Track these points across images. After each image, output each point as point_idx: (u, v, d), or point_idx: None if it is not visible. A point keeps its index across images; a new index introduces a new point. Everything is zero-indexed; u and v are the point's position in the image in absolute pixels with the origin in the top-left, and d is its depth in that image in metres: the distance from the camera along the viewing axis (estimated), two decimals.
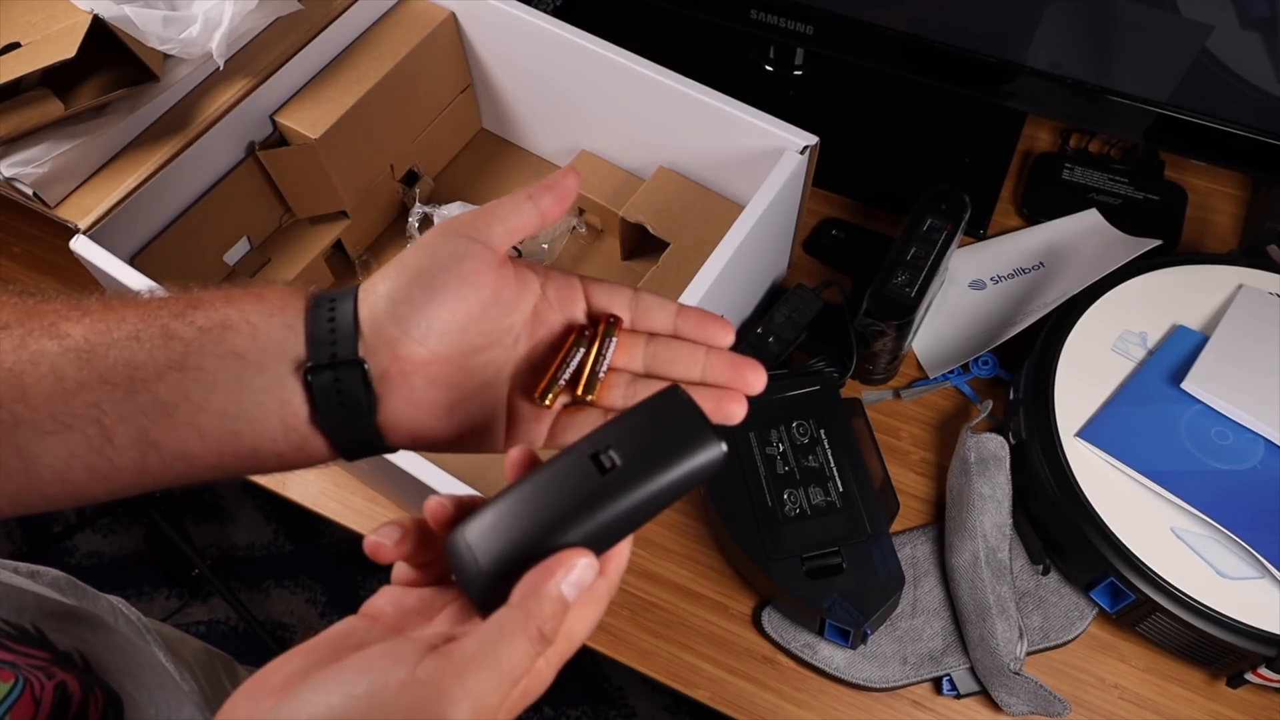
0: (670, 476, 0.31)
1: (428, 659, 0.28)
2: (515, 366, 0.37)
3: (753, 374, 0.37)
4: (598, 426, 0.32)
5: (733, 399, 0.37)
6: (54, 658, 0.45)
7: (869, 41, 0.75)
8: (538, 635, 0.28)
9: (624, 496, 0.30)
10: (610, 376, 0.37)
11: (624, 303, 0.38)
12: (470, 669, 0.27)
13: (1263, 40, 0.61)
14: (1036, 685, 0.60)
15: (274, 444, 0.34)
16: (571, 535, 0.30)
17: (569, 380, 0.37)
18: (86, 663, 0.48)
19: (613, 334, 0.37)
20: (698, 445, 0.31)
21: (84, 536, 1.54)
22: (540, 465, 0.32)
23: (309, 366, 0.33)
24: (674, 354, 0.38)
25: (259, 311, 0.34)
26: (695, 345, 0.38)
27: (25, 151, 0.62)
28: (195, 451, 0.33)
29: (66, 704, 0.43)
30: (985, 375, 0.75)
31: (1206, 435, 0.62)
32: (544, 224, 0.37)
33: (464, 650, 0.28)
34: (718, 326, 0.38)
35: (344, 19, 0.73)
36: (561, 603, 0.29)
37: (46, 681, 0.42)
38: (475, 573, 0.30)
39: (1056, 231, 0.80)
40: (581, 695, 1.39)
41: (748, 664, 0.66)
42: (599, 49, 0.69)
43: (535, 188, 0.37)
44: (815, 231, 0.83)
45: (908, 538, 0.69)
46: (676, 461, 0.31)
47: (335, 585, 1.50)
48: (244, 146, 0.72)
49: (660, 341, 0.38)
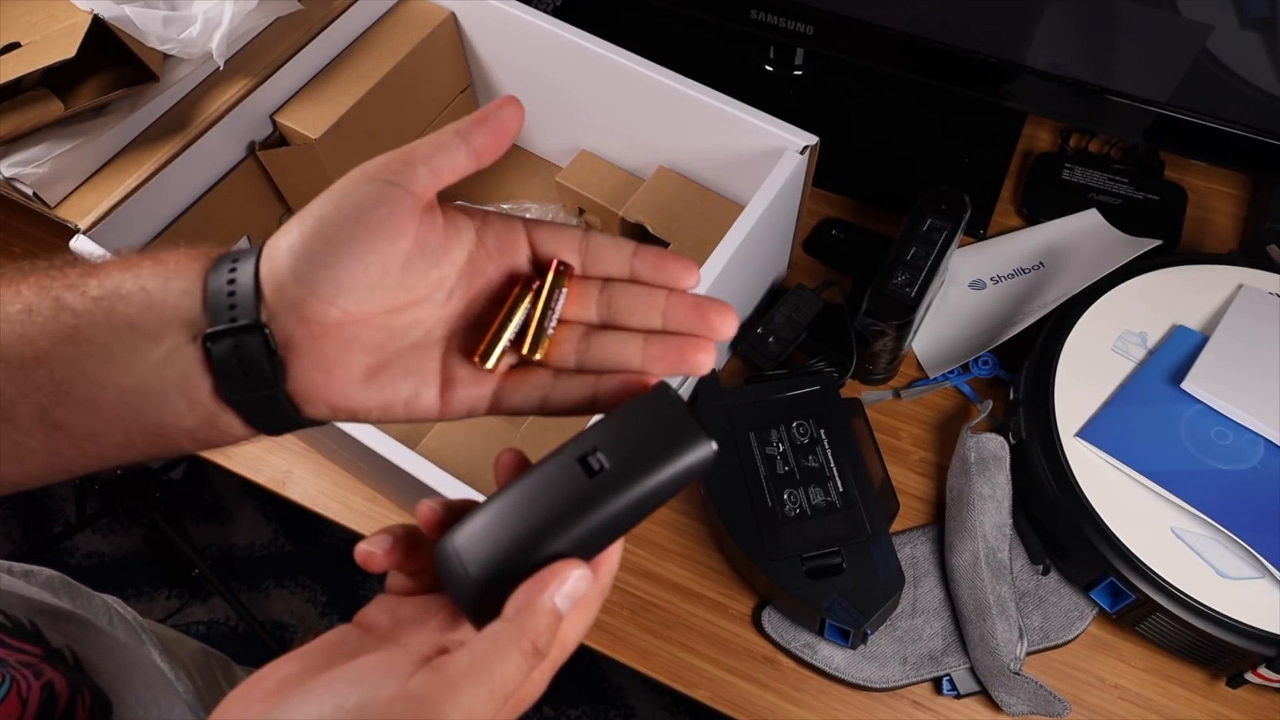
0: (660, 478, 0.30)
1: (419, 673, 0.27)
2: (450, 325, 0.34)
3: (719, 317, 0.33)
4: (586, 427, 0.31)
5: (698, 347, 0.33)
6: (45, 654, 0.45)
7: (869, 41, 0.75)
8: (531, 650, 0.28)
9: (613, 500, 0.30)
10: (560, 331, 0.34)
11: (572, 246, 0.34)
12: (463, 684, 0.27)
13: (1263, 40, 0.61)
14: (1036, 685, 0.60)
15: (180, 419, 0.31)
16: (561, 541, 0.29)
17: (513, 339, 0.33)
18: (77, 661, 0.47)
19: (562, 284, 0.34)
20: (687, 445, 0.30)
21: (84, 536, 1.54)
22: (528, 469, 0.31)
23: (207, 334, 0.30)
24: (631, 300, 0.34)
25: (155, 276, 0.31)
26: (655, 289, 0.34)
27: (25, 151, 0.62)
28: (100, 431, 0.31)
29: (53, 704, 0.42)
30: (985, 375, 0.75)
31: (1206, 435, 0.62)
32: (479, 164, 0.33)
33: (456, 664, 0.27)
34: (679, 267, 0.34)
35: (344, 19, 0.73)
36: (555, 615, 0.28)
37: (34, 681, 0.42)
38: (464, 581, 0.30)
39: (1056, 231, 0.80)
40: (581, 695, 1.39)
41: (748, 664, 0.66)
42: (599, 49, 0.69)
43: (466, 121, 0.32)
44: (815, 231, 0.83)
45: (908, 538, 0.69)
46: (666, 462, 0.30)
47: (335, 585, 1.50)
48: (244, 146, 0.72)
49: (616, 287, 0.34)
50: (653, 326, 0.34)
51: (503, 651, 0.27)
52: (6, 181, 0.62)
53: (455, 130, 0.32)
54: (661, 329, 0.34)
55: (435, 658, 0.28)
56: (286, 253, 0.31)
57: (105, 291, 0.31)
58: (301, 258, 0.30)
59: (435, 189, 0.32)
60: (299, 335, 0.31)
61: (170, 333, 0.31)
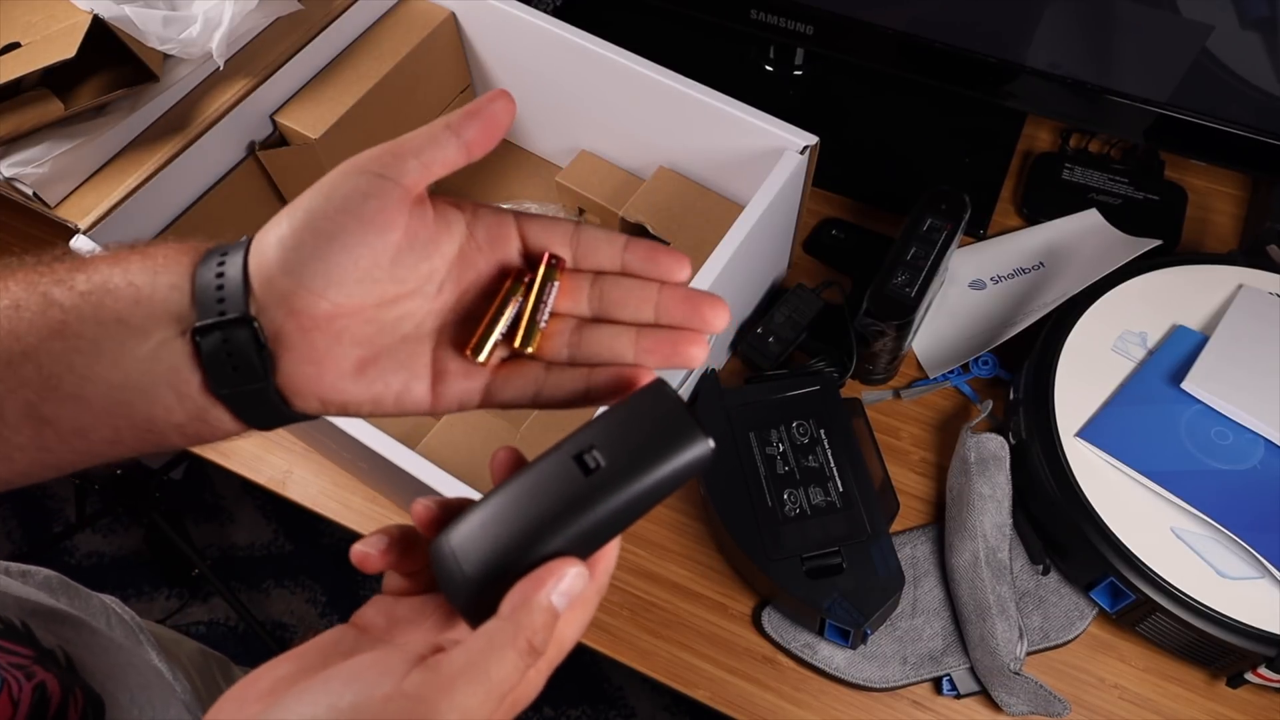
0: (657, 475, 0.30)
1: (415, 672, 0.27)
2: (441, 318, 0.33)
3: (712, 310, 0.33)
4: (582, 424, 0.31)
5: (690, 340, 0.33)
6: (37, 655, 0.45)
7: (869, 41, 0.75)
8: (527, 648, 0.28)
9: (610, 498, 0.29)
10: (552, 324, 0.34)
11: (564, 239, 0.34)
12: (458, 683, 0.27)
13: (1263, 40, 0.61)
14: (1036, 685, 0.60)
15: (170, 414, 0.31)
16: (558, 540, 0.29)
17: (505, 332, 0.33)
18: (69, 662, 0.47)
19: (554, 277, 0.33)
20: (684, 442, 0.30)
21: (84, 536, 1.54)
22: (524, 467, 0.31)
23: (195, 328, 0.30)
24: (624, 293, 0.34)
25: (143, 271, 0.31)
26: (647, 282, 0.34)
27: (25, 151, 0.62)
28: (88, 426, 0.31)
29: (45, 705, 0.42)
30: (985, 375, 0.75)
31: (1206, 435, 0.62)
32: (470, 158, 0.32)
33: (452, 663, 0.27)
34: (671, 260, 0.34)
35: (344, 19, 0.73)
36: (552, 614, 0.28)
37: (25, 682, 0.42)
38: (460, 580, 0.29)
39: (1056, 231, 0.80)
40: (581, 695, 1.39)
41: (748, 664, 0.66)
42: (599, 49, 0.69)
43: (457, 115, 0.32)
44: (815, 231, 0.83)
45: (908, 538, 0.69)
46: (662, 460, 0.30)
47: (335, 585, 1.50)
48: (244, 146, 0.72)
49: (608, 280, 0.34)
50: (645, 319, 0.34)
51: (499, 650, 0.27)
52: (6, 181, 0.62)
53: (446, 123, 0.32)
54: (654, 322, 0.34)
55: (430, 656, 0.28)
56: (275, 245, 0.31)
57: (93, 286, 0.31)
58: (291, 250, 0.30)
59: (425, 182, 0.32)
60: (288, 328, 0.31)
61: (159, 327, 0.30)
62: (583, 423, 0.32)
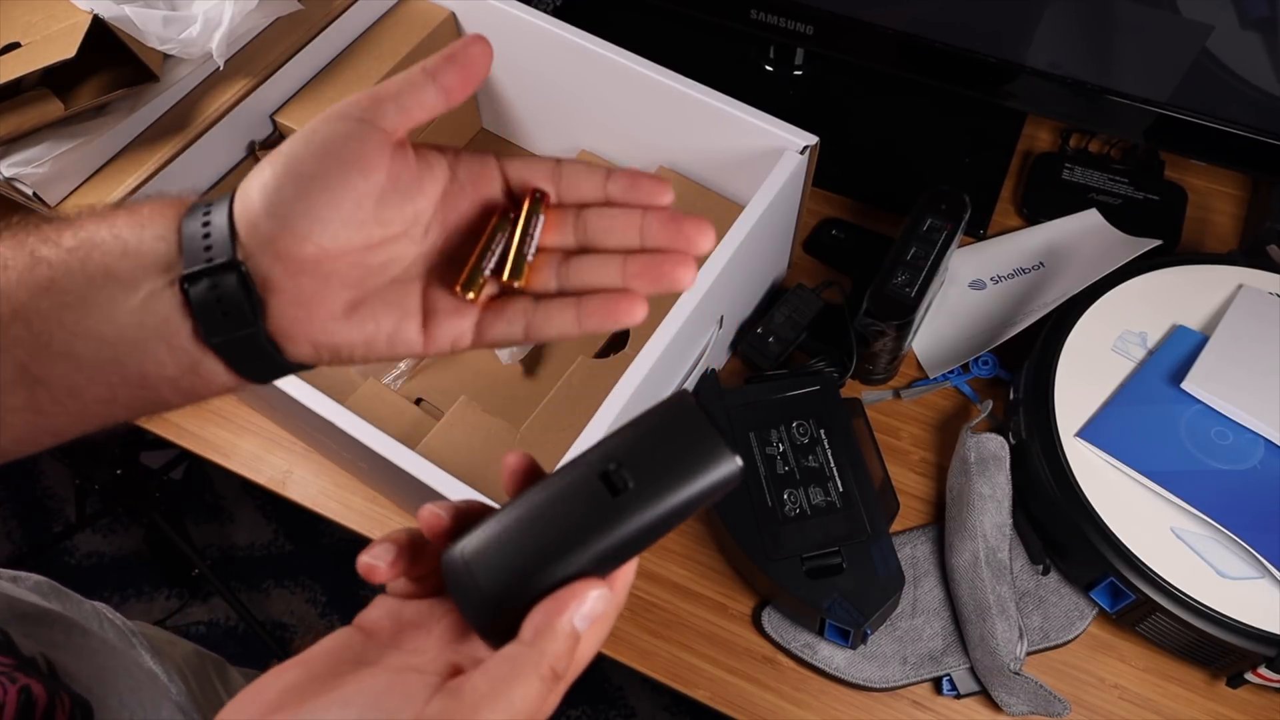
0: (685, 497, 0.29)
1: (437, 698, 0.27)
2: (428, 260, 0.34)
3: (696, 231, 0.33)
4: (603, 436, 0.30)
5: (677, 262, 0.33)
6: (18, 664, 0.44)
7: (869, 41, 0.75)
8: (551, 675, 0.27)
9: (638, 519, 0.29)
10: (539, 257, 0.34)
11: (545, 175, 0.35)
12: (483, 710, 0.26)
13: (1263, 40, 0.61)
14: (1036, 685, 0.60)
15: (162, 368, 0.31)
16: (583, 560, 0.29)
17: (493, 268, 0.33)
18: (52, 668, 0.47)
19: (538, 211, 0.34)
20: (713, 462, 0.29)
21: (84, 536, 1.54)
22: (545, 480, 0.30)
23: (183, 275, 0.30)
24: (608, 222, 0.34)
25: (130, 225, 0.31)
26: (631, 209, 0.34)
27: (25, 151, 0.62)
28: (81, 385, 0.31)
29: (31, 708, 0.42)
30: (985, 375, 0.75)
31: (1206, 435, 0.62)
32: (449, 103, 0.33)
33: (475, 689, 0.27)
34: (653, 185, 0.34)
35: (344, 19, 0.73)
36: (574, 638, 0.28)
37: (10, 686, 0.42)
38: (475, 595, 0.29)
39: (1056, 231, 0.80)
40: (581, 695, 1.39)
41: (748, 664, 0.66)
42: (599, 49, 0.69)
43: (434, 59, 0.32)
44: (815, 231, 0.83)
45: (908, 538, 0.69)
46: (692, 481, 0.29)
47: (335, 585, 1.50)
48: (244, 146, 0.72)
49: (592, 211, 0.34)
50: (631, 245, 0.34)
51: (523, 677, 0.27)
52: (6, 181, 0.62)
53: (423, 68, 0.32)
54: (640, 247, 0.34)
55: (451, 679, 0.28)
56: (259, 191, 0.31)
57: (80, 242, 0.31)
58: (274, 194, 0.31)
59: (405, 126, 0.32)
60: (276, 272, 0.31)
61: (147, 278, 0.31)
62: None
